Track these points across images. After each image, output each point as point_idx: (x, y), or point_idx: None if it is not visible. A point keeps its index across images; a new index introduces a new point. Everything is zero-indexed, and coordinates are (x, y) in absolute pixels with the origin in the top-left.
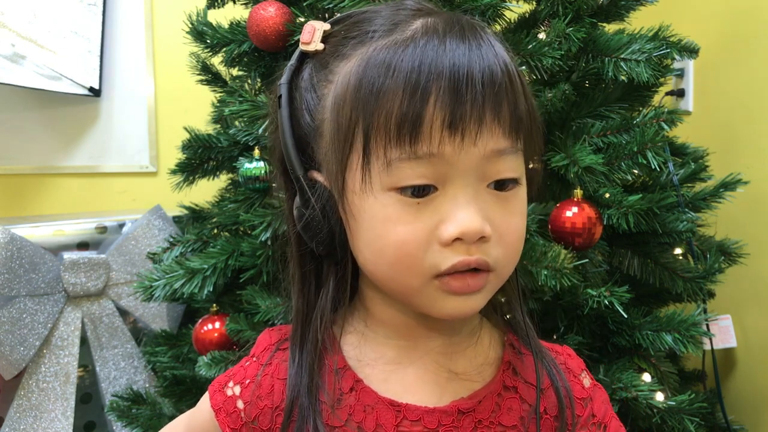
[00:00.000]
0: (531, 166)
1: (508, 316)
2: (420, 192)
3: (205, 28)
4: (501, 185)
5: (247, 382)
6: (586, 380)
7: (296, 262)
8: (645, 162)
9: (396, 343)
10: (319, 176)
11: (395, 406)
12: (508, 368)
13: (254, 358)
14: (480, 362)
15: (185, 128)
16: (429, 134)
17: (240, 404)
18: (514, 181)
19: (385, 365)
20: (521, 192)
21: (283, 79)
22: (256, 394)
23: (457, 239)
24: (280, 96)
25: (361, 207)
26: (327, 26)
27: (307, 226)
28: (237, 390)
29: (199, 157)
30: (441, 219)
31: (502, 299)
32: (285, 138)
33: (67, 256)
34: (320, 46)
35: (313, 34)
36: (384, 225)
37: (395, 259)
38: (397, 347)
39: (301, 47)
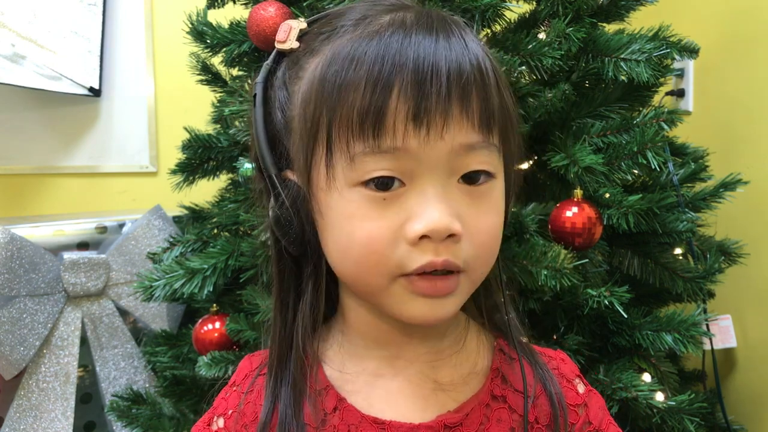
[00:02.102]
0: (511, 167)
1: (496, 317)
2: (384, 185)
3: (205, 28)
4: (471, 179)
5: (230, 412)
6: (580, 386)
7: (274, 265)
8: (645, 162)
9: (377, 353)
10: (292, 175)
11: (379, 424)
12: (497, 376)
13: (234, 387)
14: (467, 371)
15: (185, 128)
16: (393, 127)
17: None
18: (487, 174)
19: (367, 378)
20: (497, 188)
21: (259, 78)
22: (241, 423)
23: (425, 237)
24: (255, 95)
25: (328, 204)
26: (303, 25)
27: (278, 224)
28: (221, 422)
29: (199, 157)
30: (408, 216)
31: (486, 301)
32: (258, 136)
33: (67, 256)
34: (295, 45)
35: (288, 32)
36: (350, 222)
37: (360, 257)
38: (379, 358)
39: (277, 46)
